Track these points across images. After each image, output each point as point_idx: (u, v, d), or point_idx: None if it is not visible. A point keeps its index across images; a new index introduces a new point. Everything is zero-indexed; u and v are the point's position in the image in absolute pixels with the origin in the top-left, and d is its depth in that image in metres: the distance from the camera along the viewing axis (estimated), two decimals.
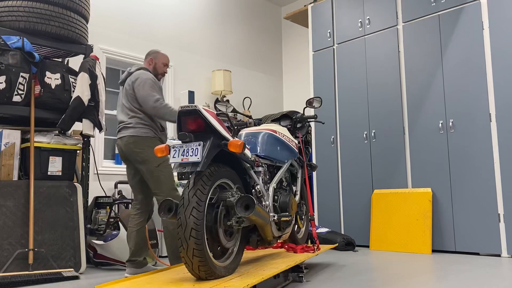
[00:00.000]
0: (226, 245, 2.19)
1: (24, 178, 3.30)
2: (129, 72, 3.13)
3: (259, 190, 2.46)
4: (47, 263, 3.11)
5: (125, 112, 3.06)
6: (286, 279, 2.61)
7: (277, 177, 2.73)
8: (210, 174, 2.06)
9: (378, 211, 4.29)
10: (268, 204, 2.52)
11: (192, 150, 2.03)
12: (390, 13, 4.48)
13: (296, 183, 3.11)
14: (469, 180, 3.81)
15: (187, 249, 1.93)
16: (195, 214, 1.93)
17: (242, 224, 2.19)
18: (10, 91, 3.15)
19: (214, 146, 2.10)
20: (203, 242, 1.94)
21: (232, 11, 6.31)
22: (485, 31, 3.82)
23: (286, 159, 2.91)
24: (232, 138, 2.17)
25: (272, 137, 2.79)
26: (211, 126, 2.10)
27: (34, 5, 3.36)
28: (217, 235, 2.12)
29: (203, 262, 1.94)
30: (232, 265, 2.20)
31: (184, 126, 2.12)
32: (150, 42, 5.14)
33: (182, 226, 1.94)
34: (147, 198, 3.14)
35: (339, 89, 4.85)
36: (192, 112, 2.07)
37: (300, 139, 3.21)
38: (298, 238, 3.15)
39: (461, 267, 3.08)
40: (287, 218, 2.57)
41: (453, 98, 3.96)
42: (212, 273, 2.00)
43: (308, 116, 3.20)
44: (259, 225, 2.32)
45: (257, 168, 2.56)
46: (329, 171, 4.83)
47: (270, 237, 2.45)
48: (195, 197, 1.96)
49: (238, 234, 2.33)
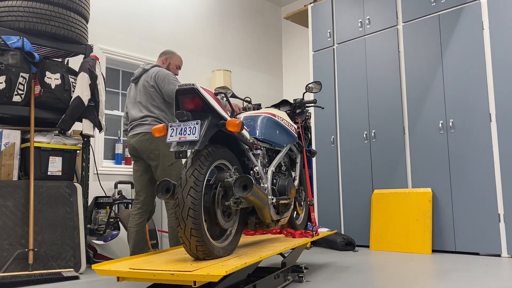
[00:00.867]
0: (224, 226, 2.17)
1: (24, 178, 3.30)
2: (144, 69, 3.16)
3: (257, 171, 2.44)
4: (47, 263, 3.11)
5: (138, 109, 3.09)
6: (286, 279, 2.61)
7: (275, 160, 2.71)
8: (207, 154, 2.05)
9: (378, 211, 4.29)
10: (267, 187, 2.50)
11: (190, 129, 2.02)
12: (390, 13, 4.48)
13: (295, 169, 3.10)
14: (469, 180, 3.81)
15: (184, 229, 1.92)
16: (193, 193, 1.92)
17: (240, 205, 2.18)
18: (10, 91, 3.14)
19: (212, 125, 2.08)
20: (201, 222, 1.93)
21: (232, 11, 6.31)
22: (485, 31, 3.82)
23: (285, 143, 2.90)
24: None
25: (271, 121, 2.77)
26: (209, 105, 2.08)
27: (34, 5, 3.36)
28: (215, 216, 2.11)
29: (201, 242, 1.93)
30: (230, 246, 2.19)
31: (182, 105, 2.10)
32: (150, 42, 5.14)
33: (179, 205, 1.93)
34: (150, 198, 3.15)
35: (339, 89, 4.85)
36: (190, 91, 2.05)
37: (299, 125, 3.20)
38: (297, 224, 3.13)
39: (461, 267, 3.08)
40: (286, 201, 2.55)
41: (453, 98, 3.96)
42: (210, 253, 1.99)
43: (307, 101, 3.19)
44: (257, 207, 2.30)
45: (255, 150, 2.54)
46: (329, 171, 4.83)
47: (269, 219, 2.44)
48: (193, 176, 1.95)
49: (236, 215, 2.32)
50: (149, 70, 3.14)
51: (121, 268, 1.89)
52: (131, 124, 3.14)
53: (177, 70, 3.33)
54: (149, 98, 3.08)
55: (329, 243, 4.33)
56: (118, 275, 1.86)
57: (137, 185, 3.16)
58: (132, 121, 3.13)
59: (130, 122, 3.15)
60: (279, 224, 2.73)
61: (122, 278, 1.89)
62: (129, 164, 4.72)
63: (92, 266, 1.93)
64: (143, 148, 3.02)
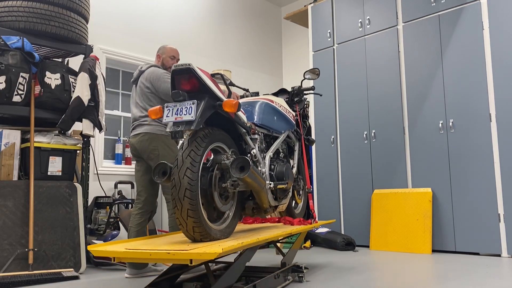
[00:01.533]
0: (221, 209, 2.16)
1: (24, 178, 3.30)
2: (141, 71, 3.18)
3: (255, 154, 2.41)
4: (47, 263, 3.11)
5: (139, 109, 3.11)
6: (286, 279, 2.61)
7: (273, 146, 2.69)
8: (204, 136, 2.03)
9: (378, 211, 4.29)
10: (264, 172, 2.48)
11: (186, 109, 1.99)
12: (390, 13, 4.48)
13: (293, 157, 3.07)
14: (469, 180, 3.81)
15: (181, 210, 1.90)
16: (189, 174, 1.90)
17: (238, 188, 2.16)
18: (10, 91, 3.14)
19: (209, 106, 2.05)
20: (198, 203, 1.91)
21: (232, 11, 6.31)
22: (485, 31, 3.82)
23: (283, 130, 2.88)
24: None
25: (269, 106, 2.75)
26: (206, 86, 2.05)
27: (34, 5, 3.36)
28: (212, 199, 2.09)
29: (198, 223, 1.91)
30: (227, 229, 2.18)
31: (178, 85, 2.07)
32: (150, 42, 5.14)
33: (176, 186, 1.91)
34: (151, 198, 3.15)
35: (339, 89, 4.85)
36: (186, 71, 2.01)
37: (297, 112, 3.18)
38: (296, 213, 3.11)
39: (461, 267, 3.08)
40: (283, 186, 2.52)
41: (453, 98, 3.96)
42: (207, 235, 1.97)
43: (305, 88, 3.18)
44: (254, 190, 2.29)
45: (253, 135, 2.52)
46: (329, 171, 4.83)
47: (266, 204, 2.42)
48: (189, 157, 1.93)
49: (234, 199, 2.30)
50: (145, 71, 3.16)
51: (117, 248, 1.87)
52: (133, 125, 3.16)
53: (173, 61, 3.31)
54: (146, 99, 3.09)
55: (329, 243, 4.33)
56: (114, 255, 1.84)
57: (138, 185, 3.16)
58: (134, 121, 3.15)
59: (132, 122, 3.18)
60: (277, 211, 2.70)
61: (118, 258, 1.87)
62: (129, 164, 4.72)
63: (88, 247, 1.90)
64: (143, 148, 3.04)
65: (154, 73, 3.10)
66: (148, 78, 3.11)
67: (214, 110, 2.11)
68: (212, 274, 2.07)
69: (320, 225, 3.07)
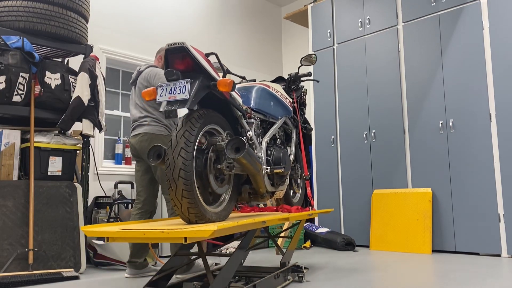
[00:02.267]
0: (217, 191, 2.13)
1: (24, 178, 3.30)
2: (139, 71, 3.19)
3: (251, 137, 2.38)
4: (47, 263, 3.11)
5: (138, 110, 3.12)
6: (286, 279, 2.61)
7: (270, 131, 2.65)
8: (199, 117, 2.00)
9: (378, 211, 4.29)
10: (261, 156, 2.45)
11: (179, 88, 1.95)
12: (390, 13, 4.48)
13: (291, 144, 3.04)
14: (469, 180, 3.81)
15: (175, 190, 1.87)
16: (184, 154, 1.88)
17: (233, 170, 2.14)
18: (10, 91, 3.14)
19: (203, 86, 2.01)
20: (192, 183, 1.88)
21: (232, 11, 6.31)
22: (485, 31, 3.82)
23: (280, 115, 2.85)
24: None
25: (266, 92, 2.72)
26: (200, 66, 2.01)
27: (34, 5, 3.36)
28: (207, 181, 2.07)
29: (193, 204, 1.89)
30: (223, 212, 2.16)
31: (172, 65, 2.03)
32: (150, 42, 5.13)
33: (170, 167, 1.88)
34: (151, 198, 3.16)
35: (339, 89, 4.85)
36: (180, 50, 1.97)
37: (294, 99, 3.15)
38: (294, 202, 3.08)
39: (461, 267, 3.08)
40: (280, 170, 2.48)
41: (453, 98, 3.96)
42: (203, 216, 1.94)
43: (302, 74, 3.15)
44: (250, 174, 2.26)
45: (249, 119, 2.49)
46: (329, 171, 4.83)
47: (263, 189, 2.39)
48: (183, 137, 1.91)
49: (230, 182, 2.28)
50: (143, 72, 3.17)
51: (111, 229, 1.85)
52: (132, 125, 3.17)
53: None
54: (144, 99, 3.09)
55: (329, 243, 4.33)
56: (107, 235, 1.81)
57: (138, 185, 3.16)
58: (133, 122, 3.16)
59: (132, 123, 3.18)
60: (274, 197, 2.66)
61: (112, 238, 1.85)
62: (129, 164, 4.72)
63: (81, 227, 1.88)
64: (142, 148, 3.04)
65: (151, 72, 3.11)
66: (145, 77, 3.11)
67: (209, 91, 2.07)
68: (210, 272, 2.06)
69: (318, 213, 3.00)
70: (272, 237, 2.85)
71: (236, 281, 2.47)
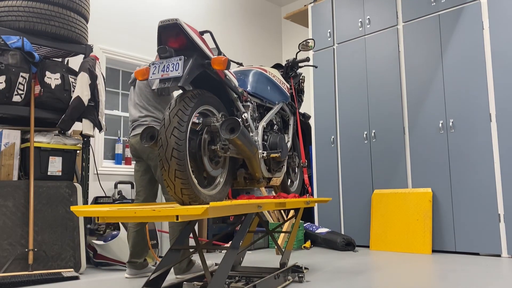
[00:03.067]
0: (211, 173, 2.09)
1: (24, 178, 3.30)
2: None
3: (246, 119, 2.31)
4: (47, 263, 3.11)
5: (138, 110, 3.11)
6: (286, 279, 2.61)
7: (267, 116, 2.60)
8: (193, 96, 1.95)
9: (378, 211, 4.29)
10: (257, 140, 2.40)
11: (172, 65, 1.90)
12: (390, 13, 4.48)
13: (288, 131, 2.99)
14: (469, 180, 3.81)
15: (168, 171, 1.82)
16: (177, 133, 1.83)
17: (228, 152, 2.11)
18: (10, 91, 3.14)
19: (197, 64, 1.95)
20: (186, 164, 1.83)
21: (232, 11, 6.31)
22: (485, 31, 3.82)
23: (277, 101, 2.80)
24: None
25: (263, 76, 2.68)
26: (194, 43, 1.95)
27: (34, 5, 3.35)
28: (202, 163, 2.03)
29: (186, 185, 1.84)
30: (218, 196, 2.12)
31: (165, 43, 1.98)
32: (150, 42, 5.13)
33: (163, 146, 1.84)
34: (150, 198, 3.16)
35: (339, 89, 4.85)
36: (173, 27, 1.90)
37: (292, 86, 3.11)
38: (291, 190, 3.05)
39: (461, 267, 3.08)
40: (277, 155, 2.44)
41: (453, 98, 3.96)
42: (196, 198, 1.88)
43: (300, 59, 3.11)
44: (246, 157, 2.23)
45: (245, 103, 2.43)
46: (329, 171, 4.83)
47: (259, 174, 2.35)
48: (177, 116, 1.86)
49: (225, 165, 2.24)
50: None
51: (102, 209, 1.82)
52: (132, 125, 3.16)
53: None
54: (145, 98, 3.08)
55: (329, 243, 4.33)
56: (97, 215, 1.78)
57: (138, 185, 3.16)
58: (133, 122, 3.15)
59: (132, 123, 3.17)
60: (271, 184, 2.61)
61: (102, 218, 1.81)
62: (129, 164, 4.72)
63: (71, 207, 1.85)
64: (142, 148, 3.03)
65: None
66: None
67: (203, 69, 2.02)
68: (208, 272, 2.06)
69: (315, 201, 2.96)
70: (270, 232, 2.83)
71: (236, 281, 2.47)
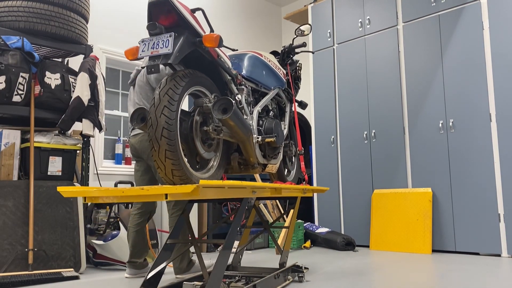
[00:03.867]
0: (204, 155, 2.05)
1: (24, 178, 3.30)
2: (138, 70, 3.16)
3: (240, 100, 2.25)
4: (47, 263, 3.11)
5: None
6: (286, 279, 2.61)
7: (262, 101, 2.55)
8: (184, 76, 1.91)
9: (378, 211, 4.29)
10: (252, 124, 2.35)
11: (162, 42, 1.85)
12: (390, 13, 4.48)
13: (285, 118, 2.95)
14: (469, 180, 3.81)
15: (158, 151, 1.78)
16: (167, 113, 1.79)
17: (221, 134, 2.07)
18: (10, 91, 3.14)
19: (188, 42, 1.90)
20: (176, 144, 1.79)
21: (232, 11, 6.32)
22: (485, 31, 3.82)
23: (272, 86, 2.75)
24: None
25: (258, 60, 2.63)
26: (185, 21, 1.90)
27: (34, 5, 3.36)
28: (194, 145, 1.99)
29: (177, 166, 1.79)
30: (211, 179, 2.07)
31: (155, 21, 1.94)
32: None
33: (152, 126, 1.79)
34: None
35: (339, 89, 4.85)
36: (164, 3, 1.86)
37: (289, 73, 3.08)
38: (287, 179, 3.01)
39: (461, 267, 3.08)
40: (272, 139, 2.38)
41: (453, 98, 3.96)
42: (188, 180, 1.83)
43: (296, 45, 3.07)
44: (240, 140, 2.19)
45: (239, 86, 2.38)
46: (329, 171, 4.83)
47: (254, 159, 2.31)
48: (167, 95, 1.82)
49: (218, 148, 2.21)
50: (141, 70, 3.15)
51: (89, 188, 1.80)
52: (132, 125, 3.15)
53: None
54: (145, 96, 3.07)
55: (329, 243, 4.33)
56: (84, 194, 1.75)
57: (138, 185, 3.16)
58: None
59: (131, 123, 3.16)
60: (266, 170, 2.57)
61: (89, 199, 1.80)
62: (129, 164, 4.72)
63: (58, 188, 1.80)
64: (142, 148, 3.03)
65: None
66: (144, 73, 3.09)
67: (194, 48, 1.96)
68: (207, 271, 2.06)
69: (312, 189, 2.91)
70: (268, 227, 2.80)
71: (236, 281, 2.47)
